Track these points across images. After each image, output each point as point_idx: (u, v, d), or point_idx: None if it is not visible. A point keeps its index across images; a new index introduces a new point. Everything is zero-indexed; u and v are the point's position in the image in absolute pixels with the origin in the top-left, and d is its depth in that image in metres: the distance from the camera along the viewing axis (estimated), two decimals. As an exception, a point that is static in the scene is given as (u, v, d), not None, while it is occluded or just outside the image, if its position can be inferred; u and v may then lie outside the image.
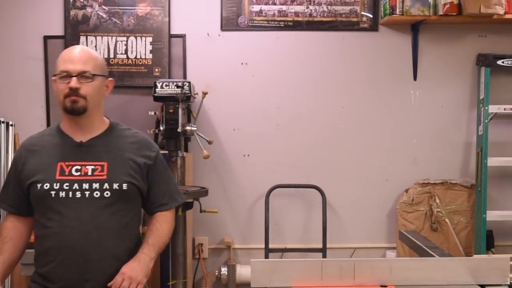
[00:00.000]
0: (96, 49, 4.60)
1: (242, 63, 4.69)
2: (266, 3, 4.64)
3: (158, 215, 2.81)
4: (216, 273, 4.65)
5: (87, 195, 2.59)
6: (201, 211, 4.22)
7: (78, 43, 4.56)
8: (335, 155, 4.75)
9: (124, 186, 2.64)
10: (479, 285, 2.43)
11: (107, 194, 2.61)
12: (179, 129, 4.14)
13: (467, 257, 3.73)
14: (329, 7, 4.65)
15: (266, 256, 4.53)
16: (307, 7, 4.65)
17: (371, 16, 4.67)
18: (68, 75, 2.61)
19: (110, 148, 2.71)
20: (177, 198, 2.90)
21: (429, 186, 4.67)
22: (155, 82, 4.17)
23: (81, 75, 2.62)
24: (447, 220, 4.64)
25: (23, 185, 2.68)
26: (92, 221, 2.58)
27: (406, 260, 2.65)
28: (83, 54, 2.70)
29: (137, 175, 2.70)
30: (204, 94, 4.35)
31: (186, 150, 4.46)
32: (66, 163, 2.65)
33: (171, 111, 4.11)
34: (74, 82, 2.60)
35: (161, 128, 4.16)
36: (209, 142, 4.30)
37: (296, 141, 4.73)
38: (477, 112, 4.66)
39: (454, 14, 4.42)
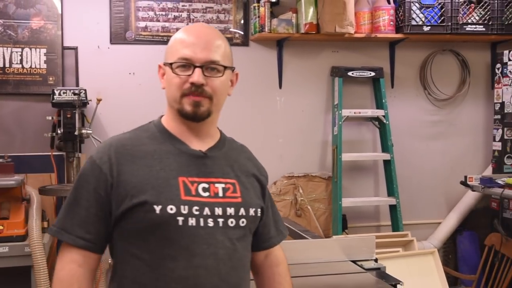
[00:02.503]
0: (-8, 59, 4.40)
1: (130, 73, 4.65)
2: (151, 20, 4.63)
3: (277, 266, 1.95)
4: (109, 261, 4.56)
5: (220, 224, 1.70)
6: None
7: (-27, 53, 4.35)
8: (213, 154, 4.79)
9: (259, 211, 1.82)
10: (351, 261, 2.57)
11: (242, 222, 1.75)
12: (76, 133, 4.10)
13: (341, 237, 3.90)
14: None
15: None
16: (187, 24, 4.68)
17: (243, 33, 4.78)
18: (189, 65, 1.73)
19: (232, 162, 1.85)
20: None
21: (293, 179, 4.84)
22: (53, 90, 4.12)
23: (208, 66, 1.75)
24: (309, 207, 4.82)
25: (117, 205, 1.68)
26: (230, 260, 1.71)
27: (292, 242, 2.75)
28: (211, 36, 1.78)
29: (262, 198, 1.89)
30: (99, 100, 4.28)
31: (80, 151, 4.36)
32: (190, 179, 1.72)
33: (68, 116, 4.08)
34: (198, 76, 1.72)
35: (59, 131, 4.12)
36: (103, 144, 4.23)
37: (179, 141, 4.73)
38: (332, 115, 4.87)
39: (313, 32, 4.59)
